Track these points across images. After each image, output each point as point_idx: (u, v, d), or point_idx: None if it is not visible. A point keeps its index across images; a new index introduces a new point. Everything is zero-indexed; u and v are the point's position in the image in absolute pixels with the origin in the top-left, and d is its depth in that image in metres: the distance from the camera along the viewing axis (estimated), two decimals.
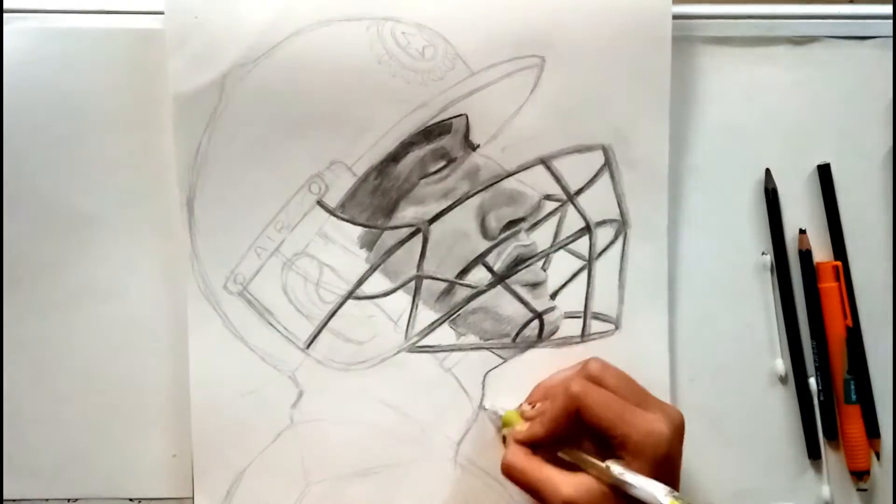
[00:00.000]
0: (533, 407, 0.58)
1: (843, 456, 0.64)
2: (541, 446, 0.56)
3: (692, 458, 0.63)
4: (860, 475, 0.63)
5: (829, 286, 0.63)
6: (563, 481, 0.53)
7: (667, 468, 0.53)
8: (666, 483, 0.52)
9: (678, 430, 0.55)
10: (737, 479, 0.64)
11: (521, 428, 0.57)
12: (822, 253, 0.64)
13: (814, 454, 0.63)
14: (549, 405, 0.56)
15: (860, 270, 0.64)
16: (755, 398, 0.64)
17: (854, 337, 0.63)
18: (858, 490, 0.64)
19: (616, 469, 0.52)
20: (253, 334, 0.62)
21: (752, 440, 0.64)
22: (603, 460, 0.53)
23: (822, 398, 0.63)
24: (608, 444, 0.53)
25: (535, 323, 0.62)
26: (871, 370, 0.63)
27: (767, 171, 0.63)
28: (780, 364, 0.63)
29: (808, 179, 0.64)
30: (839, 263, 0.63)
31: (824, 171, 0.63)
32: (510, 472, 0.55)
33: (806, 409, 0.63)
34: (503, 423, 0.59)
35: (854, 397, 0.63)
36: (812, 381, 0.63)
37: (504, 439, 0.59)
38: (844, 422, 0.63)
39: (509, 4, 0.60)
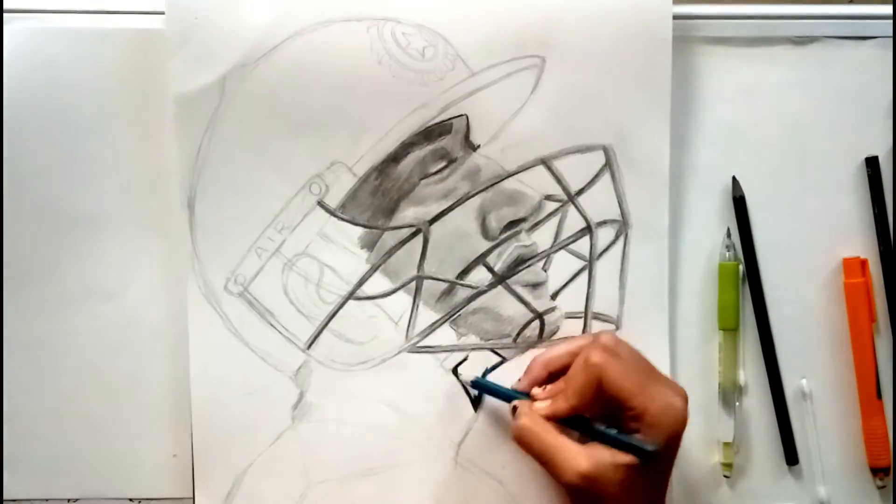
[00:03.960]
0: (544, 389, 0.58)
1: (840, 455, 0.64)
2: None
3: (691, 457, 0.64)
4: (881, 471, 0.64)
5: (855, 282, 0.63)
6: (581, 453, 0.53)
7: (678, 443, 0.53)
8: (671, 457, 0.53)
9: (687, 408, 0.55)
10: (736, 478, 0.64)
11: (542, 405, 0.56)
12: (845, 251, 0.64)
13: (800, 458, 0.64)
14: (570, 380, 0.55)
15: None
16: (753, 397, 0.64)
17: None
18: (877, 488, 0.64)
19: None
20: (254, 335, 0.62)
21: (751, 439, 0.64)
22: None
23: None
24: (620, 417, 0.53)
25: (536, 323, 0.62)
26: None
27: (734, 178, 0.63)
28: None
29: (808, 179, 0.64)
30: (866, 259, 0.63)
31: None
32: (524, 436, 0.55)
33: (782, 413, 0.64)
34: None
35: (881, 393, 0.63)
36: (804, 381, 0.64)
37: (513, 410, 0.57)
38: (868, 417, 0.63)
39: (509, 4, 0.60)
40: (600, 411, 0.55)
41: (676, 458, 0.55)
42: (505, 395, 0.59)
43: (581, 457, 0.52)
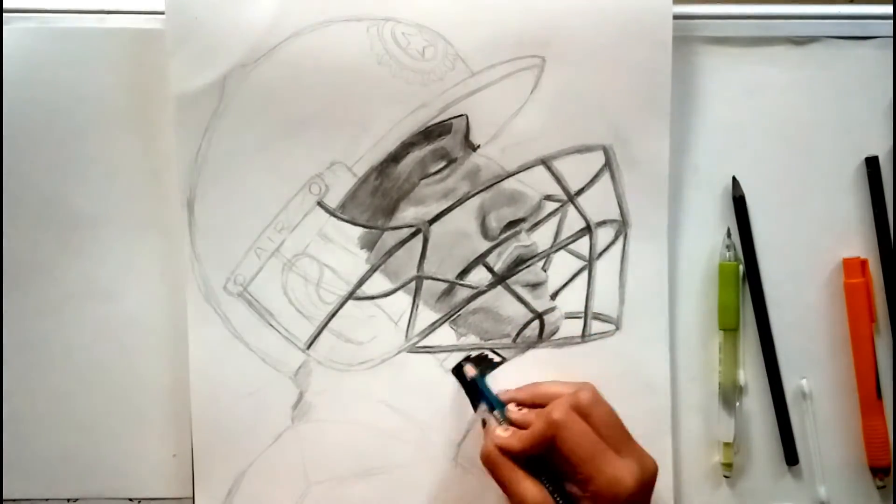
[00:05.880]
0: (519, 409, 0.58)
1: (840, 455, 0.64)
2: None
3: (691, 457, 0.64)
4: (881, 471, 0.63)
5: (855, 282, 0.63)
6: (531, 489, 0.53)
7: None
8: None
9: (646, 484, 0.54)
10: (736, 478, 0.64)
11: (502, 433, 0.56)
12: (845, 251, 0.64)
13: (800, 458, 0.64)
14: (532, 424, 0.55)
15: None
16: (753, 397, 0.64)
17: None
18: (877, 488, 0.64)
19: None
20: (253, 335, 0.62)
21: (751, 439, 0.64)
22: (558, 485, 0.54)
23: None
24: (572, 477, 0.53)
25: (536, 323, 0.62)
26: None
27: (734, 178, 0.63)
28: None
29: (808, 179, 0.64)
30: (866, 259, 0.63)
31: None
32: (487, 463, 0.56)
33: (782, 413, 0.64)
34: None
35: (881, 393, 0.63)
36: (804, 381, 0.64)
37: (483, 423, 0.59)
38: (868, 417, 0.63)
39: (509, 4, 0.60)
40: (557, 460, 0.54)
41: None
42: (488, 401, 0.59)
43: (531, 491, 0.53)
